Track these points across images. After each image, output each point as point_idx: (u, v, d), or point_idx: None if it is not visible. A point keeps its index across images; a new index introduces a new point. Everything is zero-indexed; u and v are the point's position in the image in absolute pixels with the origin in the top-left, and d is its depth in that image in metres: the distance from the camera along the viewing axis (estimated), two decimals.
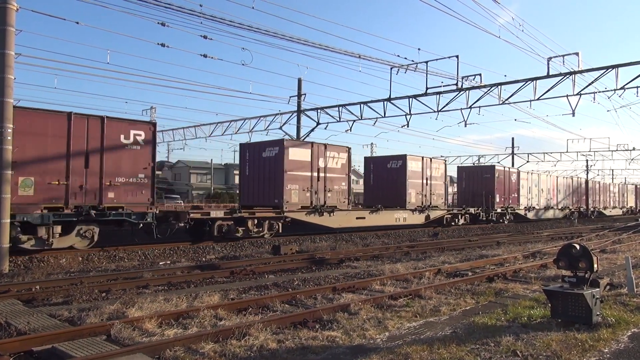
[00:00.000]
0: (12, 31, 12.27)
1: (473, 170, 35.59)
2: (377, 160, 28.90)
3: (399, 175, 26.43)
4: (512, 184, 35.16)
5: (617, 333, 6.46)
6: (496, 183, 33.09)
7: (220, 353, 5.75)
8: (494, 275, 11.39)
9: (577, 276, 6.93)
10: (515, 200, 35.46)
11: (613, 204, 55.40)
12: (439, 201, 28.32)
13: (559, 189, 42.64)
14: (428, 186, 27.50)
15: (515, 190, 35.57)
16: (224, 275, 11.80)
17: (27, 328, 6.76)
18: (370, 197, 27.79)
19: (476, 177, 34.10)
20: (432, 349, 5.69)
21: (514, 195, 35.35)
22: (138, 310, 7.62)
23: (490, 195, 32.53)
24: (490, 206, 32.21)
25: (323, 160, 21.45)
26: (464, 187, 34.88)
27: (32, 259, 13.38)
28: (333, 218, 21.39)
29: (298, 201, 20.35)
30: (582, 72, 20.54)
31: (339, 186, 22.00)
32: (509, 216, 34.59)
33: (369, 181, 28.51)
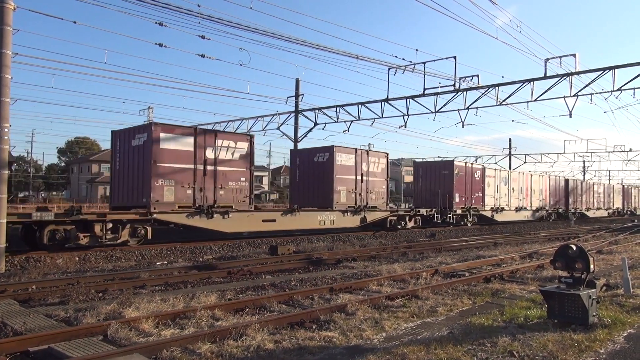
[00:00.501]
0: (9, 30, 12.23)
1: (430, 167, 31.66)
2: (303, 154, 24.49)
3: (326, 171, 22.53)
4: (476, 182, 31.50)
5: (613, 334, 6.48)
6: (455, 181, 29.49)
7: (217, 353, 5.74)
8: (491, 276, 11.41)
9: (573, 277, 6.94)
10: (479, 200, 31.81)
11: (597, 204, 51.49)
12: (379, 201, 24.42)
13: (534, 188, 38.98)
14: (364, 183, 23.63)
15: (479, 189, 31.87)
16: (221, 275, 11.79)
17: (24, 328, 6.74)
18: (296, 197, 23.98)
19: (434, 174, 30.45)
20: (429, 350, 5.69)
21: (477, 195, 31.63)
22: (135, 310, 7.61)
23: (448, 195, 29.11)
24: (448, 207, 28.75)
25: (212, 151, 17.62)
26: (421, 185, 31.21)
27: (29, 258, 13.34)
28: (227, 221, 17.67)
29: (174, 200, 16.46)
30: (579, 74, 20.62)
31: (236, 182, 18.22)
32: (471, 218, 30.91)
33: (295, 178, 24.44)
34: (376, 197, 24.31)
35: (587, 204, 48.45)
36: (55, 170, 79.99)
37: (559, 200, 43.24)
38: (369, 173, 24.01)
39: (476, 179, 31.61)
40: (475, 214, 31.52)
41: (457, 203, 29.65)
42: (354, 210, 22.90)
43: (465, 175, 30.40)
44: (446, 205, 28.63)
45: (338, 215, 22.04)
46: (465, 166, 30.98)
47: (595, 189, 51.18)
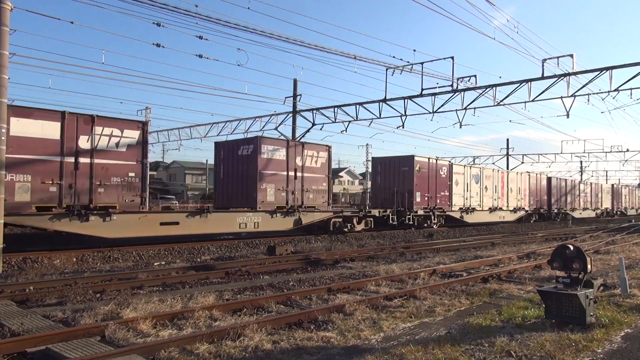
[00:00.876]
0: (7, 31, 12.21)
1: (389, 163, 28.14)
2: (227, 146, 21.55)
3: (250, 165, 19.85)
4: (442, 180, 28.75)
5: (610, 333, 6.50)
6: (416, 178, 26.72)
7: (215, 354, 5.74)
8: (488, 276, 11.43)
9: (571, 277, 6.96)
10: (445, 200, 29.04)
11: (584, 204, 48.50)
12: (319, 200, 21.61)
13: (511, 187, 36.11)
14: (298, 180, 20.81)
15: (445, 187, 29.03)
16: (219, 275, 11.79)
17: (21, 329, 6.73)
18: (221, 197, 21.37)
19: (393, 170, 27.51)
20: (426, 350, 5.70)
21: (443, 194, 28.83)
22: (133, 311, 7.60)
23: (408, 194, 26.28)
24: (407, 207, 26.07)
25: (88, 140, 14.82)
26: (379, 183, 28.24)
27: (26, 259, 13.31)
28: (110, 224, 14.86)
29: (30, 200, 13.64)
30: (576, 74, 20.67)
31: (122, 178, 15.44)
32: (435, 219, 28.20)
33: (219, 174, 21.56)
34: (315, 196, 21.49)
35: (572, 204, 45.91)
36: None
37: (541, 200, 40.54)
38: (305, 168, 21.17)
39: (442, 177, 28.78)
40: (441, 215, 28.78)
41: (418, 203, 26.82)
42: (286, 211, 20.14)
43: (428, 172, 27.63)
44: (405, 205, 26.01)
45: (264, 217, 19.34)
46: (429, 162, 27.99)
47: (581, 188, 48.39)
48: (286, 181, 20.49)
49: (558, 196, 43.02)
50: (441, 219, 28.94)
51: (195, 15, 17.73)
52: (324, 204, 21.98)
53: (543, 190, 41.00)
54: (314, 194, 21.58)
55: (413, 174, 26.67)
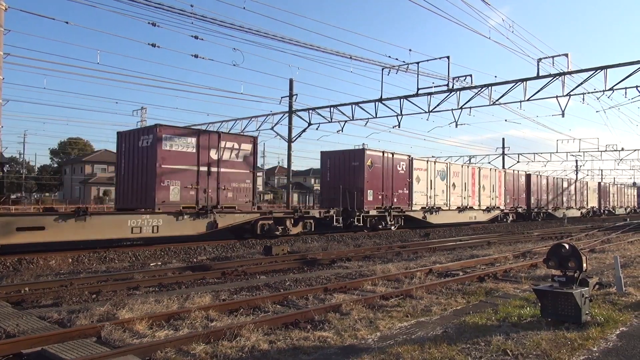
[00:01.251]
0: (1, 31, 12.16)
1: (339, 157, 24.93)
2: (129, 137, 18.11)
3: (149, 159, 16.95)
4: (400, 177, 25.84)
5: (606, 332, 6.52)
6: (367, 174, 23.75)
7: (212, 354, 5.73)
8: (484, 275, 11.46)
9: (566, 276, 6.99)
10: (404, 199, 26.06)
11: (568, 203, 45.99)
12: (240, 200, 18.84)
13: (484, 184, 33.24)
14: (212, 177, 17.96)
15: (404, 184, 26.10)
16: (215, 276, 11.77)
17: (16, 330, 6.69)
18: (121, 196, 18.34)
19: (342, 166, 24.47)
20: (423, 349, 5.71)
21: (402, 192, 25.88)
22: (129, 311, 7.58)
23: (357, 192, 23.35)
24: (357, 206, 23.21)
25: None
26: (328, 180, 24.94)
27: (21, 260, 13.26)
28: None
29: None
30: (571, 73, 20.75)
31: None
32: (392, 220, 25.29)
33: (120, 170, 18.46)
34: (235, 194, 18.69)
35: (555, 203, 43.20)
36: (47, 172, 79.51)
37: (519, 198, 37.71)
38: (221, 163, 18.33)
39: (400, 173, 25.81)
40: (399, 215, 25.91)
41: (370, 202, 23.89)
42: (196, 212, 17.31)
43: (383, 167, 24.69)
44: (354, 205, 23.14)
45: (167, 219, 16.51)
46: (384, 157, 24.95)
47: (564, 186, 45.76)
48: (196, 177, 17.53)
49: (538, 195, 40.48)
50: (400, 219, 26.10)
51: (190, 15, 17.69)
52: (247, 204, 19.15)
53: (521, 188, 38.28)
54: (235, 193, 18.76)
55: (364, 170, 23.62)
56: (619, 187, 64.06)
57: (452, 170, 30.33)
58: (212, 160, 18.17)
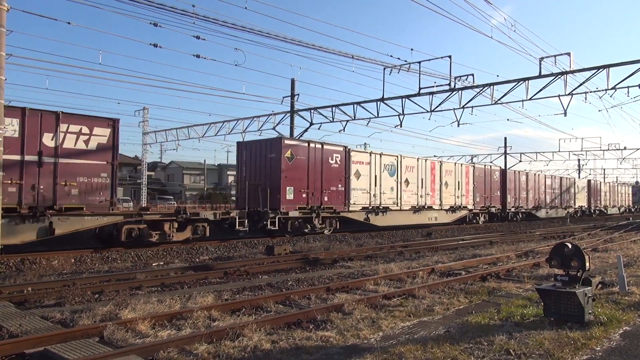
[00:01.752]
0: (3, 32, 12.17)
1: (255, 148, 21.19)
2: None
3: None
4: (332, 171, 21.89)
5: (609, 331, 6.50)
6: (285, 168, 19.91)
7: (214, 354, 5.74)
8: (487, 275, 11.44)
9: (569, 275, 6.97)
10: (338, 198, 22.17)
11: (552, 202, 42.46)
12: (93, 198, 14.91)
13: (447, 180, 29.36)
14: (47, 169, 14.04)
15: (339, 180, 22.21)
16: (218, 276, 11.78)
17: (19, 330, 6.71)
18: None
19: (259, 158, 20.78)
20: (425, 349, 5.70)
21: (335, 189, 21.96)
22: (131, 311, 7.59)
23: (272, 189, 19.66)
24: (273, 206, 19.56)
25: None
26: (244, 175, 21.10)
27: (24, 260, 13.28)
28: None
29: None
30: (573, 72, 20.67)
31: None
32: (321, 222, 21.38)
33: None
34: (83, 192, 14.74)
35: (536, 202, 39.46)
36: None
37: (491, 197, 33.67)
38: (62, 151, 14.38)
39: (333, 167, 21.93)
40: (332, 216, 22.12)
41: (290, 201, 20.05)
42: (20, 215, 13.51)
43: (308, 160, 20.87)
44: (267, 205, 19.44)
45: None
46: (310, 147, 21.09)
47: (548, 183, 41.98)
48: (21, 170, 13.54)
49: (516, 193, 36.67)
50: (333, 221, 22.38)
51: (192, 15, 17.70)
52: (103, 204, 15.12)
53: (495, 185, 34.18)
54: (83, 190, 14.74)
55: (281, 163, 19.83)
56: (611, 185, 60.23)
57: (404, 165, 26.10)
58: (47, 148, 14.11)
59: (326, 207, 21.70)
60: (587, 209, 50.22)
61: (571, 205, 46.25)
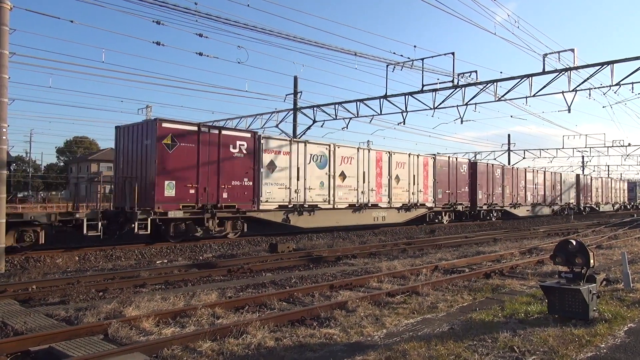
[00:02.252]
0: (6, 30, 12.20)
1: (132, 133, 17.14)
2: None
3: None
4: (234, 162, 17.94)
5: (613, 328, 6.48)
6: (161, 156, 15.93)
7: (218, 351, 5.74)
8: (490, 272, 11.42)
9: (573, 272, 6.95)
10: (245, 194, 18.23)
11: (534, 199, 38.72)
12: None
13: (398, 174, 25.28)
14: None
15: (244, 173, 18.20)
16: (221, 273, 11.79)
17: (24, 328, 6.74)
18: None
19: (136, 145, 16.91)
20: (429, 346, 5.70)
21: (240, 184, 18.06)
22: (135, 309, 7.61)
23: (145, 183, 16.15)
24: (145, 204, 15.78)
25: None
26: (122, 167, 17.44)
27: (29, 258, 13.33)
28: None
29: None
30: (577, 69, 20.60)
31: None
32: (220, 224, 17.64)
33: None
34: None
35: (514, 198, 35.86)
36: (54, 170, 79.99)
37: (457, 193, 29.58)
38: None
39: (236, 157, 17.99)
40: (234, 217, 18.23)
41: (170, 199, 16.09)
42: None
43: (198, 148, 16.85)
44: (134, 203, 15.62)
45: None
46: (200, 133, 16.97)
47: (529, 178, 38.18)
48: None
49: (489, 189, 32.64)
50: (239, 223, 18.55)
51: (195, 13, 17.70)
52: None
53: (462, 180, 30.04)
54: None
55: (156, 151, 15.84)
56: (604, 181, 55.58)
57: (338, 155, 22.12)
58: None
59: (226, 206, 17.74)
60: (576, 206, 46.27)
61: (557, 202, 42.62)
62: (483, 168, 32.50)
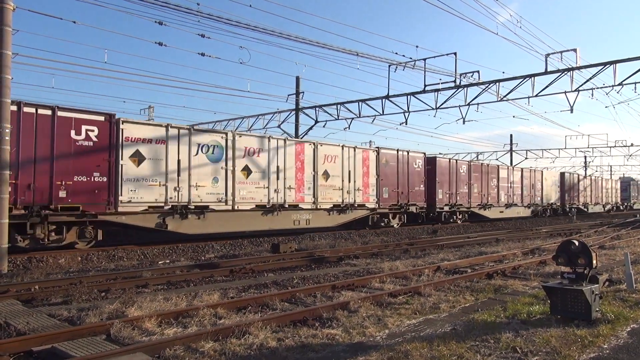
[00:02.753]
0: (9, 31, 12.22)
1: None
2: None
3: None
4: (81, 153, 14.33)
5: (616, 329, 6.47)
6: None
7: (220, 352, 5.75)
8: (493, 272, 11.40)
9: (576, 272, 6.94)
10: (96, 192, 14.52)
11: (508, 199, 34.50)
12: None
13: (327, 169, 21.20)
14: None
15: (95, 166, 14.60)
16: (224, 274, 11.80)
17: (27, 328, 6.75)
18: None
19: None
20: (432, 346, 5.69)
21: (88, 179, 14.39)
22: (137, 309, 7.62)
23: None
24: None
25: None
26: None
27: (31, 259, 13.36)
28: None
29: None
30: (580, 69, 20.58)
31: None
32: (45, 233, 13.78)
33: None
34: None
35: (484, 199, 31.73)
36: None
37: (410, 192, 25.51)
38: None
39: (80, 145, 14.37)
40: (79, 221, 14.57)
41: None
42: None
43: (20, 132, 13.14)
44: None
45: None
46: (22, 114, 13.30)
47: (502, 176, 34.05)
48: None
49: (451, 187, 28.85)
50: (88, 229, 14.83)
51: (197, 13, 17.73)
52: None
53: (416, 177, 26.03)
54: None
55: None
56: (594, 180, 51.11)
57: (241, 147, 18.44)
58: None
59: (66, 208, 14.01)
60: (560, 207, 42.52)
61: (536, 202, 38.52)
62: (445, 164, 28.66)
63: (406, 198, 25.34)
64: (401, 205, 25.01)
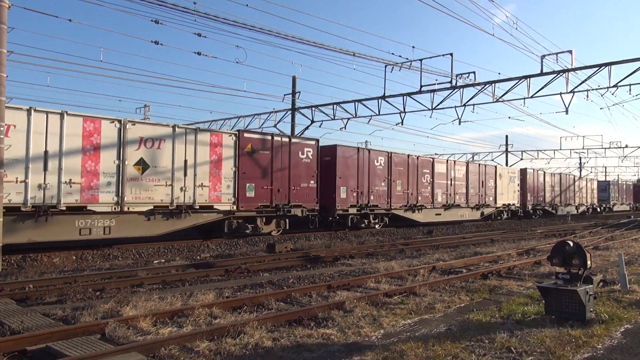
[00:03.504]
0: (4, 28, 12.16)
1: None
2: None
3: None
4: None
5: (610, 329, 6.50)
6: None
7: (215, 351, 5.74)
8: (488, 273, 11.44)
9: (570, 273, 6.97)
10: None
11: (448, 199, 28.78)
12: None
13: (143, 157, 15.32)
14: None
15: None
16: (219, 273, 11.78)
17: (21, 327, 6.72)
18: None
19: None
20: (427, 346, 5.70)
21: None
22: (132, 309, 7.60)
23: None
24: None
25: None
26: None
27: (26, 257, 13.30)
28: None
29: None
30: (575, 70, 20.65)
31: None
32: None
33: None
34: None
35: (411, 198, 26.19)
36: None
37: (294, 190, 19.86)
38: None
39: None
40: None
41: None
42: None
43: None
44: None
45: None
46: None
47: (439, 171, 28.37)
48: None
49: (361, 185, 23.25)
50: None
51: (193, 12, 17.66)
52: None
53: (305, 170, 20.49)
54: None
55: None
56: (565, 178, 45.49)
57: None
58: None
59: None
60: (520, 209, 37.11)
61: (487, 203, 32.56)
62: (350, 154, 22.78)
63: (286, 198, 19.66)
64: (279, 207, 19.37)
